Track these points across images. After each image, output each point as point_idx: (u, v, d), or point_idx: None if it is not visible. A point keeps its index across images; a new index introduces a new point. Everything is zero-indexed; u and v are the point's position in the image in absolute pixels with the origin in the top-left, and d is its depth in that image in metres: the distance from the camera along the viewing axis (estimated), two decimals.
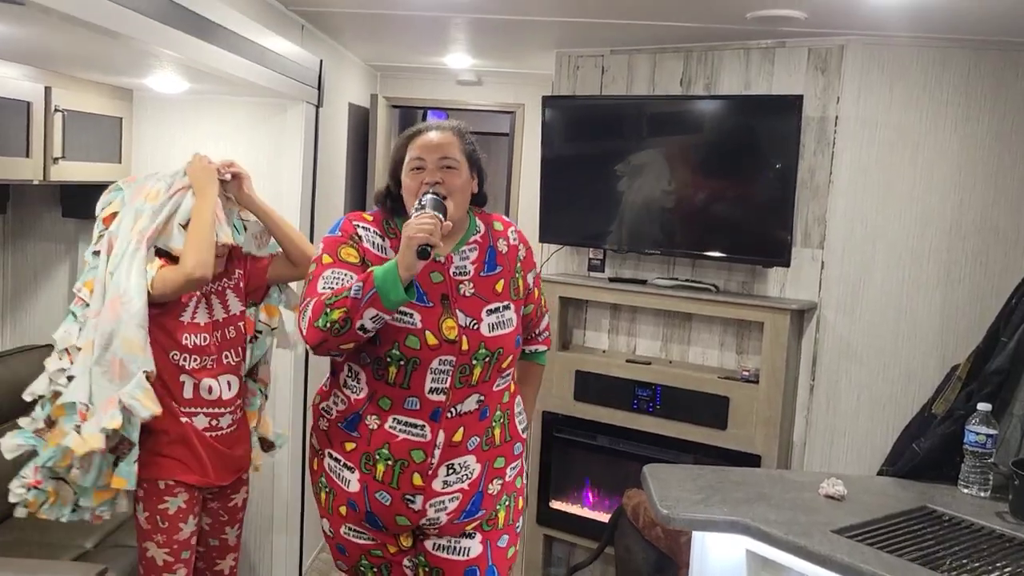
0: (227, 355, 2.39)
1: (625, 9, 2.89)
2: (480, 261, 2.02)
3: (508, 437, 2.07)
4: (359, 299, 1.78)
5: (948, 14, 2.63)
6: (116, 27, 1.86)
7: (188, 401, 2.32)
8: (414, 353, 1.91)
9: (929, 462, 2.38)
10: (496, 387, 2.02)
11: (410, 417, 1.95)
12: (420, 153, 1.97)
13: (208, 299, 2.38)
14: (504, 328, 2.00)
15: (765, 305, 3.24)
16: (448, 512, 1.99)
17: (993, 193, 3.15)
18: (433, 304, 1.94)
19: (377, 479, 1.97)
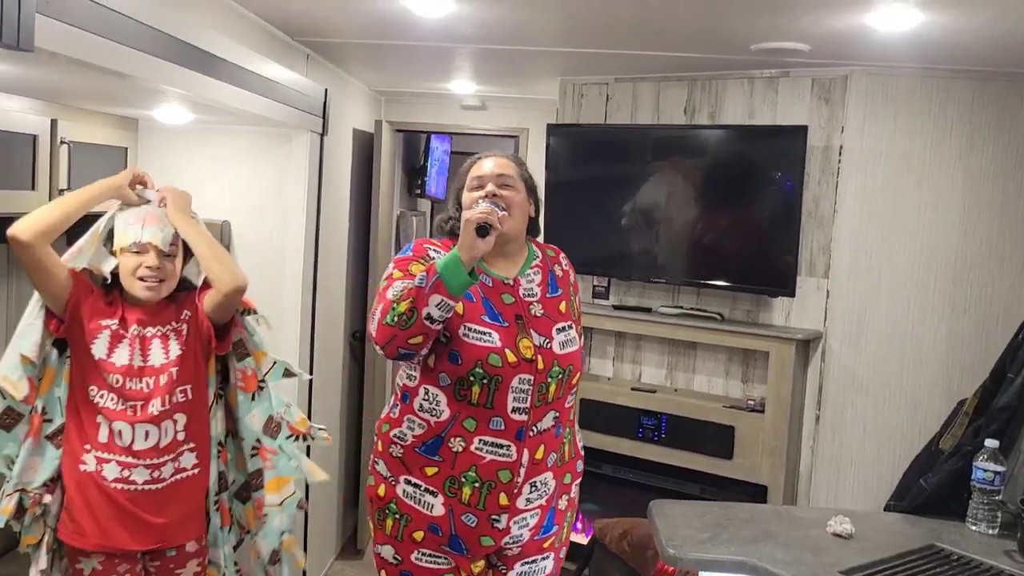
0: (154, 403, 2.08)
1: (629, 40, 2.90)
2: (544, 283, 2.13)
3: (573, 454, 2.18)
4: (423, 287, 1.83)
5: (951, 45, 2.63)
6: (123, 68, 1.87)
7: (103, 445, 2.06)
8: (496, 371, 1.96)
9: (937, 498, 2.37)
10: (567, 404, 2.11)
11: (496, 437, 2.00)
12: (479, 173, 2.10)
13: (139, 341, 2.10)
14: (572, 346, 2.10)
15: (770, 335, 3.24)
16: (530, 528, 2.07)
17: (998, 223, 3.15)
18: (508, 323, 2.02)
19: (463, 502, 2.01)
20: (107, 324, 2.08)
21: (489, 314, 2.00)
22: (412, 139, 5.84)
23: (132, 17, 1.86)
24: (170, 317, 2.16)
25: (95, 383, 2.06)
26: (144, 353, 2.09)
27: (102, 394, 2.06)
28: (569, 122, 3.80)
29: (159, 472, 2.09)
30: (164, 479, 2.10)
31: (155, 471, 2.08)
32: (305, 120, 3.22)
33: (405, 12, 2.58)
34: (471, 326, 1.98)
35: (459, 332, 1.98)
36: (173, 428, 2.10)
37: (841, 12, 2.33)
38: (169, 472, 2.10)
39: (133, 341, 2.09)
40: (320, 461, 3.88)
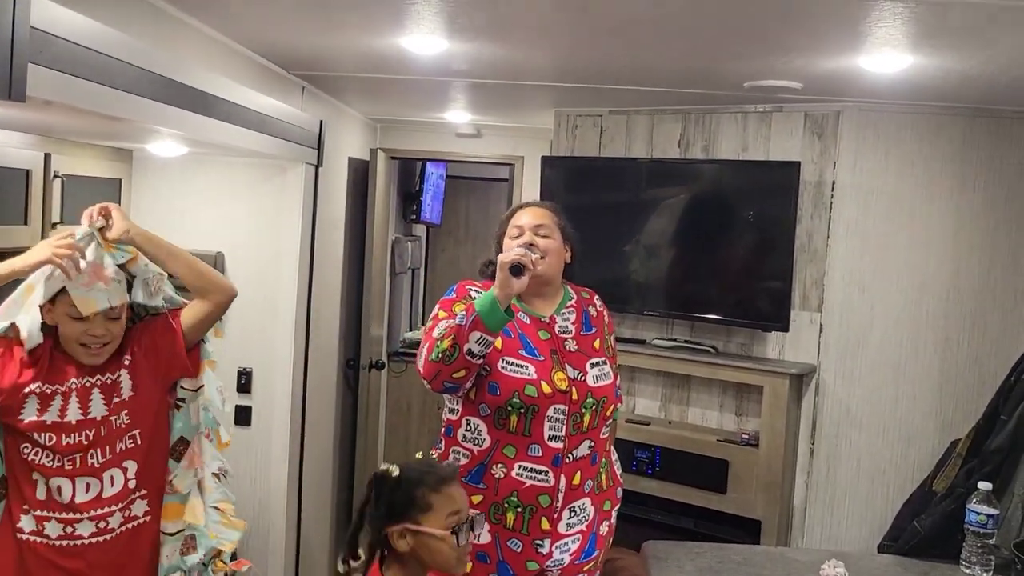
0: (94, 455, 1.95)
1: (623, 76, 2.92)
2: (579, 322, 2.29)
3: (611, 482, 2.32)
4: (463, 325, 2.00)
5: (941, 85, 2.65)
6: (117, 112, 1.88)
7: (41, 503, 1.93)
8: (533, 401, 2.13)
9: (931, 540, 2.36)
10: (602, 434, 2.26)
11: (535, 464, 2.15)
12: (518, 223, 2.28)
13: (76, 394, 1.95)
14: (606, 380, 2.25)
15: (764, 369, 3.23)
16: (571, 553, 2.20)
17: (989, 259, 3.16)
18: (544, 358, 2.17)
19: (508, 527, 2.16)
20: (33, 388, 1.91)
21: (526, 348, 2.16)
22: (407, 164, 5.85)
23: (125, 61, 1.86)
24: (113, 365, 2.01)
25: (27, 443, 1.92)
26: (83, 406, 1.94)
27: (36, 451, 1.92)
28: (564, 154, 3.81)
29: (106, 523, 1.96)
30: (112, 529, 1.98)
31: (100, 522, 1.96)
32: (300, 152, 3.23)
33: (400, 49, 2.59)
34: (509, 359, 2.15)
35: (498, 365, 2.14)
36: (123, 476, 1.98)
37: (832, 54, 2.35)
38: (118, 522, 1.98)
39: (68, 395, 1.93)
40: (313, 494, 3.88)
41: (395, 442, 5.65)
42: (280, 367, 3.40)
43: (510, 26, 2.27)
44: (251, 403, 3.40)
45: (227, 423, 2.29)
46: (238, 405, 3.40)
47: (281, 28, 2.49)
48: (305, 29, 2.47)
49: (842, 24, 2.02)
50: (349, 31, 2.43)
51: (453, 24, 2.25)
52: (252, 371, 3.39)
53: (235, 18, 2.41)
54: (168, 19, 2.30)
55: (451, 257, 6.97)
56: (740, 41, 2.31)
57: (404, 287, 6.07)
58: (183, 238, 3.26)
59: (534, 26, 2.27)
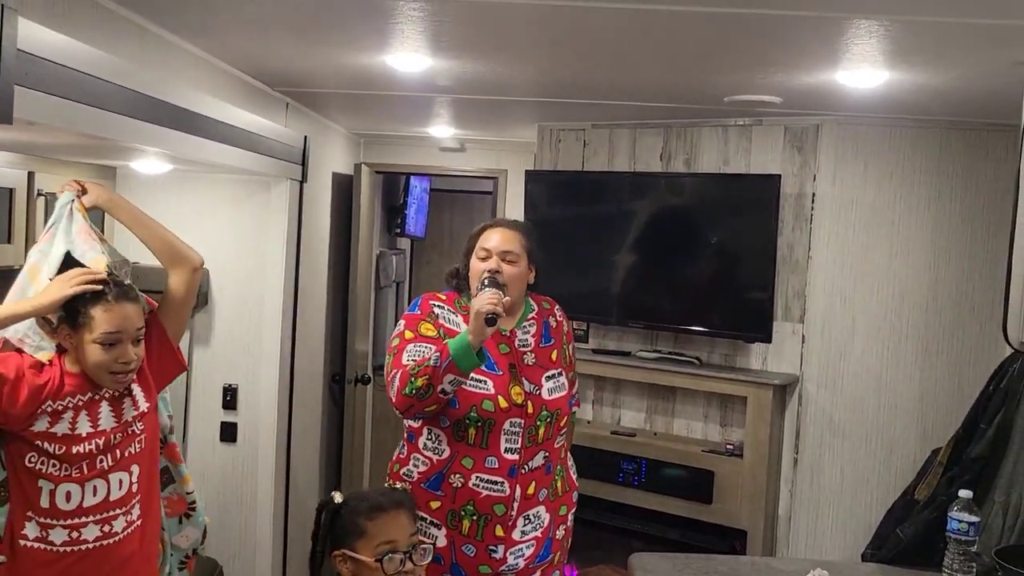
0: (103, 460, 1.95)
1: (605, 91, 2.95)
2: (538, 334, 2.35)
3: (567, 487, 2.38)
4: (438, 367, 2.09)
5: (917, 99, 2.70)
6: (103, 132, 1.88)
7: (45, 511, 1.91)
8: (489, 415, 2.20)
9: (913, 548, 2.38)
10: (556, 444, 2.33)
11: (491, 475, 2.22)
12: (486, 244, 2.30)
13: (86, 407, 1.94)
14: (560, 392, 2.32)
15: (748, 380, 3.26)
16: (525, 558, 2.27)
17: (967, 269, 3.21)
18: (502, 372, 2.24)
19: (463, 533, 2.23)
20: (44, 408, 1.89)
21: (486, 364, 2.19)
22: (391, 178, 5.86)
23: (110, 81, 1.87)
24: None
25: (33, 452, 1.90)
26: (93, 419, 1.94)
27: (43, 460, 1.91)
28: (547, 167, 3.84)
29: (110, 526, 1.97)
30: (116, 533, 1.98)
31: (105, 525, 1.96)
32: (285, 169, 3.23)
33: (384, 66, 2.61)
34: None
35: None
36: (128, 480, 1.99)
37: (811, 70, 2.39)
38: (121, 526, 1.98)
39: (79, 409, 1.92)
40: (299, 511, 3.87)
41: (381, 457, 5.64)
42: (265, 383, 3.40)
43: (494, 43, 2.29)
44: (236, 419, 3.40)
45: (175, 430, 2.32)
46: (223, 421, 3.40)
47: (266, 47, 2.51)
48: (290, 47, 2.49)
49: (820, 41, 2.06)
50: (334, 49, 2.45)
51: (437, 42, 2.27)
52: (237, 387, 3.39)
53: (220, 37, 2.42)
54: (153, 38, 2.31)
55: (435, 270, 6.97)
56: (721, 58, 2.34)
57: (389, 300, 6.07)
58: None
59: (518, 43, 2.30)
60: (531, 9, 1.92)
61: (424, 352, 2.20)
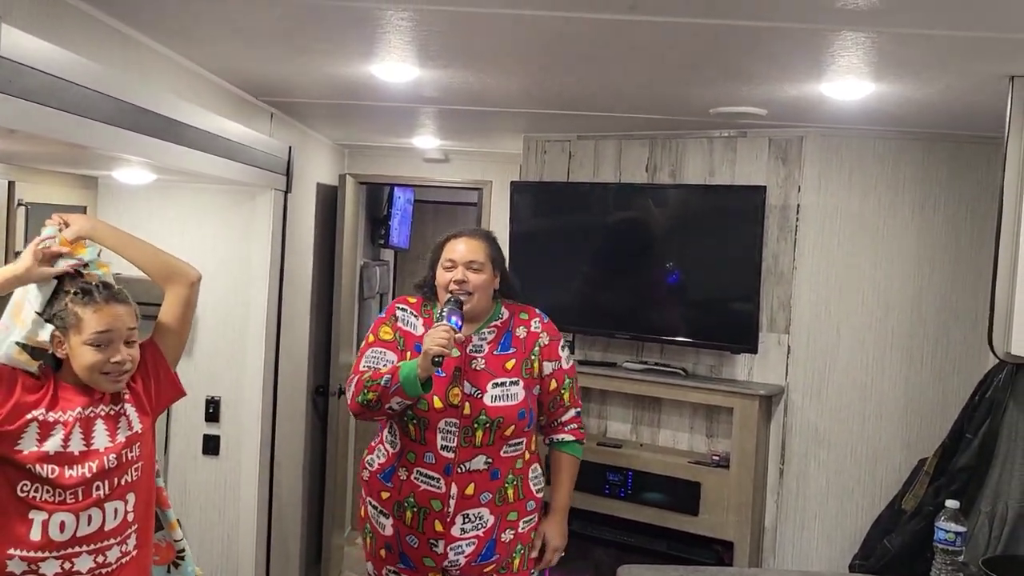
0: (99, 486, 1.89)
1: (591, 102, 2.95)
2: (496, 342, 2.40)
3: (522, 495, 2.42)
4: (388, 388, 2.24)
5: (901, 111, 2.72)
6: (85, 141, 1.86)
7: (36, 544, 1.85)
8: (423, 414, 2.31)
9: (900, 559, 2.39)
10: (504, 453, 2.36)
11: (428, 470, 2.34)
12: (451, 255, 2.39)
13: (79, 424, 1.89)
14: (507, 400, 2.35)
15: (734, 391, 3.26)
16: (466, 555, 2.34)
17: (951, 278, 3.23)
18: (446, 375, 2.31)
19: (406, 524, 2.36)
20: (34, 415, 1.86)
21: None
22: (375, 189, 5.84)
23: (93, 88, 1.85)
24: (115, 396, 1.95)
25: (26, 479, 1.85)
26: (87, 436, 1.89)
27: (36, 487, 1.85)
28: (532, 178, 3.84)
29: (104, 557, 1.92)
30: (110, 564, 1.93)
31: (99, 556, 1.91)
32: (269, 179, 3.21)
33: (370, 77, 2.60)
34: None
35: None
36: (123, 508, 1.95)
37: (796, 82, 2.40)
38: (115, 556, 1.93)
39: (71, 425, 1.88)
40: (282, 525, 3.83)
41: None
42: (249, 395, 3.37)
43: (481, 54, 2.29)
44: (219, 432, 3.36)
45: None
46: (206, 434, 3.36)
47: (251, 56, 2.49)
48: (275, 57, 2.47)
49: (806, 54, 2.07)
50: (320, 59, 2.43)
51: (425, 52, 2.26)
52: (220, 399, 3.35)
53: (204, 46, 2.40)
54: (137, 47, 2.29)
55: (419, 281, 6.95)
56: (706, 70, 2.35)
57: (372, 312, 6.04)
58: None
59: (505, 54, 2.30)
60: (518, 20, 1.91)
61: (380, 358, 2.36)
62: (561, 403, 2.49)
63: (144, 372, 2.01)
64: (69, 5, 1.94)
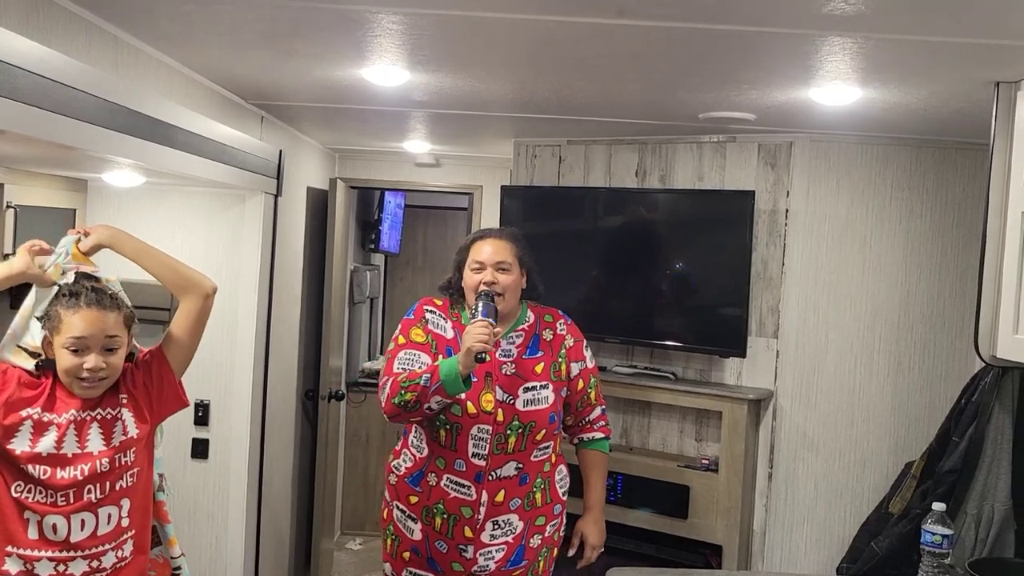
0: (91, 490, 1.89)
1: (582, 107, 2.96)
2: (524, 346, 2.40)
3: (549, 499, 2.43)
4: (428, 387, 2.21)
5: (889, 117, 2.74)
6: (72, 142, 1.86)
7: (33, 543, 1.86)
8: (456, 419, 2.30)
9: (888, 561, 2.40)
10: (534, 457, 2.36)
11: (459, 478, 2.33)
12: (479, 257, 2.39)
13: (74, 426, 1.89)
14: (538, 404, 2.35)
15: (723, 394, 3.28)
16: (496, 561, 2.35)
17: (938, 284, 3.25)
18: (477, 379, 2.29)
19: (436, 530, 2.35)
20: (28, 413, 1.87)
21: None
22: (366, 193, 5.85)
23: (84, 90, 1.85)
24: (111, 400, 1.95)
25: (20, 480, 1.86)
26: (81, 439, 1.89)
27: (29, 488, 1.86)
28: (523, 183, 3.85)
29: (99, 562, 1.92)
30: (104, 569, 1.93)
31: (94, 561, 1.91)
32: (259, 182, 3.21)
33: (361, 80, 2.60)
34: None
35: None
36: (118, 514, 1.94)
37: (784, 88, 2.42)
38: (110, 561, 1.94)
39: (65, 427, 1.88)
40: (271, 522, 3.82)
41: (354, 474, 5.59)
42: (238, 399, 3.36)
43: (472, 57, 2.30)
44: (208, 436, 3.35)
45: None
46: (195, 438, 3.35)
47: (242, 59, 2.49)
48: (266, 60, 2.48)
49: (794, 59, 2.08)
50: (310, 62, 2.44)
51: (415, 56, 2.27)
52: (210, 403, 3.34)
53: (195, 48, 2.40)
54: (127, 49, 2.29)
55: (409, 286, 6.95)
56: (696, 74, 2.37)
57: (363, 317, 6.03)
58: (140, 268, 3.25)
59: (496, 58, 2.30)
60: (509, 23, 1.92)
61: (413, 360, 2.33)
62: (588, 402, 2.51)
63: (147, 379, 2.01)
64: (60, 7, 1.94)
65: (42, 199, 2.93)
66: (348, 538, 5.54)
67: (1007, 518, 2.31)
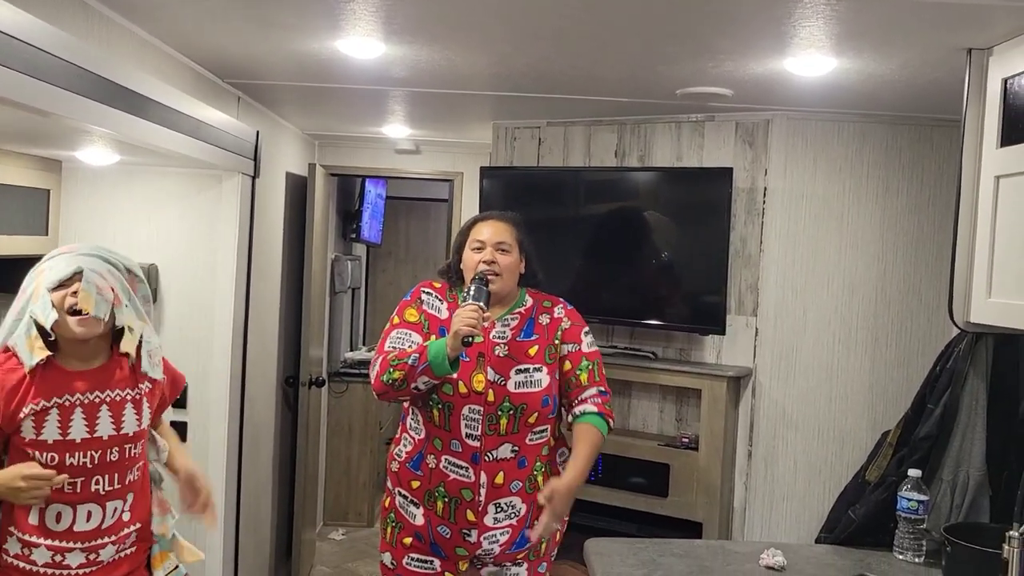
0: (99, 480, 1.91)
1: (559, 83, 2.96)
2: (519, 328, 2.39)
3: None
4: (415, 367, 2.23)
5: (863, 90, 2.76)
6: (47, 107, 1.84)
7: (33, 528, 1.87)
8: (448, 398, 2.30)
9: (865, 528, 2.41)
10: (530, 441, 2.34)
11: (456, 459, 2.32)
12: (480, 236, 2.40)
13: (81, 408, 1.90)
14: (530, 387, 2.33)
15: (703, 372, 3.29)
16: (501, 544, 2.34)
17: (914, 261, 3.28)
18: (469, 359, 2.30)
19: (438, 514, 2.34)
20: (26, 412, 1.86)
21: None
22: (347, 183, 5.83)
23: (58, 56, 1.83)
24: (126, 382, 1.97)
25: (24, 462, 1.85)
26: (90, 423, 1.88)
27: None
28: (503, 164, 3.85)
29: (97, 555, 1.92)
30: (101, 562, 1.93)
31: (92, 553, 1.91)
32: (236, 162, 3.19)
33: (336, 53, 2.59)
34: None
35: None
36: (123, 507, 1.95)
37: (760, 58, 2.43)
38: (109, 554, 1.93)
39: (70, 409, 1.87)
40: (251, 511, 3.79)
41: (336, 465, 5.57)
42: (216, 381, 3.33)
43: (448, 26, 2.29)
44: (186, 418, 3.32)
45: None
46: (173, 421, 3.31)
47: (214, 30, 2.48)
48: (238, 30, 2.46)
49: (767, 24, 2.09)
50: (283, 32, 2.42)
51: (390, 25, 2.27)
52: (187, 386, 3.30)
53: (167, 19, 2.39)
54: (100, 19, 2.27)
55: (392, 278, 6.94)
56: (671, 44, 2.37)
57: (344, 307, 6.01)
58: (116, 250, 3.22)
59: (471, 26, 2.30)
60: None
61: (405, 340, 2.35)
62: (578, 384, 2.38)
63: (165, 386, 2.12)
64: None
65: (15, 179, 2.90)
66: (331, 529, 5.52)
67: (982, 483, 2.33)
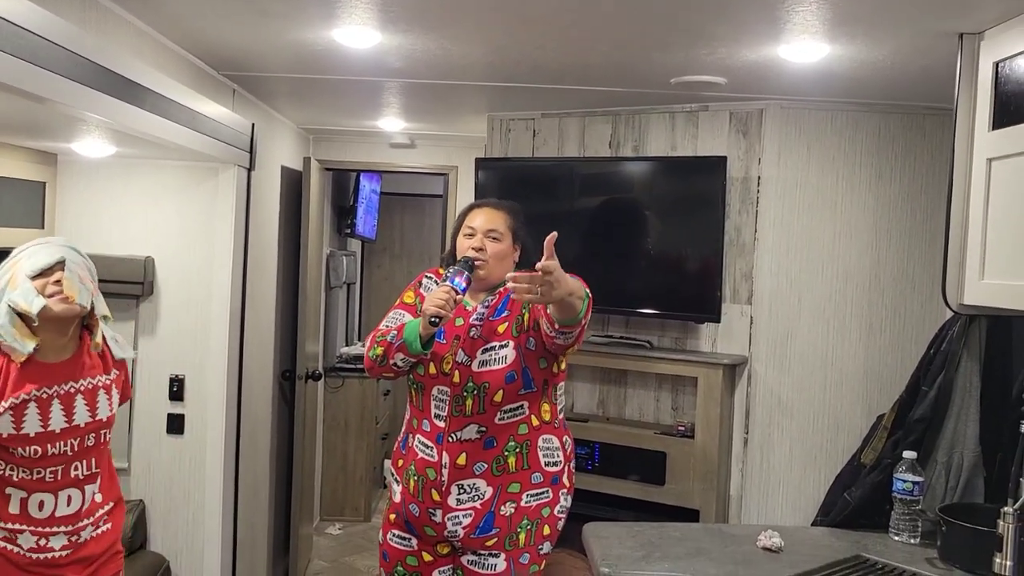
0: (78, 466, 1.97)
1: (554, 73, 2.98)
2: (493, 308, 2.38)
3: (526, 466, 2.34)
4: (393, 344, 2.30)
5: (855, 78, 2.78)
6: (44, 93, 1.84)
7: (14, 516, 1.92)
8: (420, 379, 2.36)
9: (861, 511, 2.43)
10: (499, 420, 2.30)
11: (425, 438, 2.36)
12: (472, 223, 2.41)
13: (59, 399, 1.94)
14: (492, 365, 2.30)
15: (698, 360, 3.31)
16: (464, 527, 2.31)
17: (907, 248, 3.30)
18: (446, 342, 2.33)
19: (410, 492, 2.37)
20: (15, 395, 1.89)
21: (437, 334, 2.30)
22: (341, 178, 5.84)
23: (55, 42, 1.84)
24: (97, 370, 2.03)
25: (2, 458, 1.89)
26: (68, 412, 1.93)
27: (11, 468, 1.90)
28: (497, 156, 3.86)
29: (78, 536, 1.99)
30: (82, 542, 2.01)
31: (74, 536, 1.99)
32: (232, 154, 3.20)
33: (332, 42, 2.60)
34: None
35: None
36: (97, 489, 2.02)
37: (753, 45, 2.45)
38: (88, 534, 2.01)
39: (49, 401, 1.91)
40: (248, 505, 3.80)
41: (333, 460, 5.57)
42: (214, 374, 3.34)
43: (443, 15, 2.30)
44: (184, 411, 3.33)
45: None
46: (170, 413, 3.33)
47: (210, 20, 2.48)
48: (234, 19, 2.46)
49: (761, 9, 2.11)
50: (279, 22, 2.43)
51: (386, 13, 2.28)
52: (184, 378, 3.32)
53: (164, 8, 2.39)
54: (98, 8, 2.28)
55: (387, 273, 6.95)
56: (665, 29, 2.38)
57: (340, 302, 6.02)
58: (112, 242, 3.23)
59: (467, 15, 2.31)
60: None
61: (397, 320, 2.40)
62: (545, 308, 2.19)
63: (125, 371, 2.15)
64: None
65: (11, 171, 2.90)
66: (328, 523, 5.52)
67: (976, 464, 2.35)
